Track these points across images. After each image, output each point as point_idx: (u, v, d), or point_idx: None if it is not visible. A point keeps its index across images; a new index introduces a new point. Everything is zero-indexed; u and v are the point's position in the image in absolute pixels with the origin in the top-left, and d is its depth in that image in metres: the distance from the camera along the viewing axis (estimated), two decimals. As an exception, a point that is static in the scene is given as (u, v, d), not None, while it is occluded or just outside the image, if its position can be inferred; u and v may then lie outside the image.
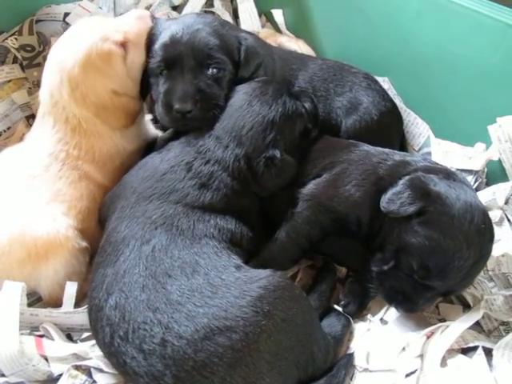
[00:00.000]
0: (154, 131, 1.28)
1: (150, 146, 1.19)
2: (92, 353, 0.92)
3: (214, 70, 1.06)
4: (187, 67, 1.04)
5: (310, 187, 1.05)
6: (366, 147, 1.10)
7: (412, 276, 0.93)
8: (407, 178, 0.96)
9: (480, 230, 0.91)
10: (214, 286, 0.83)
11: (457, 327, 0.93)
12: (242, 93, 1.08)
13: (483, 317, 0.97)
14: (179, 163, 1.00)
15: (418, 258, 0.91)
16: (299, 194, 1.05)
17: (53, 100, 1.06)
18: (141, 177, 1.01)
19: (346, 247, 1.09)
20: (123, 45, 1.07)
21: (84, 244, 1.05)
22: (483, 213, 0.93)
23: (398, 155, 1.06)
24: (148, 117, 1.27)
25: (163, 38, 1.07)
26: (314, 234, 1.04)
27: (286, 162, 1.04)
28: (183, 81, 1.04)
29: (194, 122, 1.05)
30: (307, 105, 1.11)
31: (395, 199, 0.94)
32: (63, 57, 1.05)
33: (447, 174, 0.98)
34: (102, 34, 1.05)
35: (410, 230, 0.93)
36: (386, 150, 1.10)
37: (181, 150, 1.03)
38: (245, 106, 1.05)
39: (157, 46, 1.07)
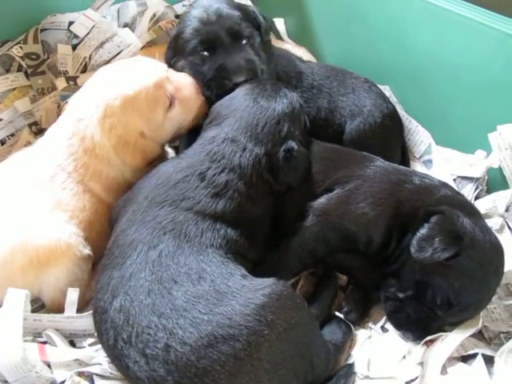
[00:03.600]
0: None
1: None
2: (95, 359, 0.92)
3: (246, 40, 1.15)
4: (226, 44, 1.13)
5: (322, 202, 1.03)
6: (381, 162, 1.08)
7: (431, 308, 0.95)
8: (435, 219, 0.95)
9: (499, 273, 0.96)
10: (220, 292, 0.83)
11: (457, 336, 0.93)
12: (242, 94, 1.08)
13: (484, 326, 0.98)
14: (192, 173, 0.98)
15: (444, 296, 0.93)
16: (310, 208, 1.03)
17: (81, 115, 1.06)
18: (154, 184, 1.00)
19: (349, 259, 1.08)
20: (170, 98, 1.09)
21: (86, 252, 1.05)
22: (501, 254, 0.96)
23: (416, 177, 1.04)
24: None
25: (193, 23, 1.14)
26: (319, 250, 1.03)
27: (303, 153, 1.05)
28: (230, 56, 1.12)
29: None
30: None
31: (426, 246, 0.92)
32: (112, 84, 1.06)
33: (469, 210, 0.98)
34: (158, 79, 1.07)
35: (437, 269, 0.93)
36: (402, 168, 1.09)
37: (194, 159, 1.01)
38: (251, 104, 1.04)
39: (188, 31, 1.14)
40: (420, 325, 0.97)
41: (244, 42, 1.14)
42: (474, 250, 0.92)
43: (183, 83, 1.13)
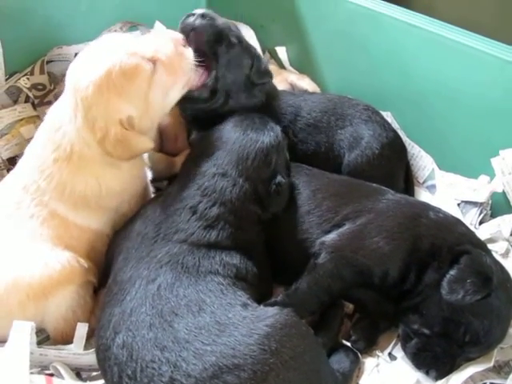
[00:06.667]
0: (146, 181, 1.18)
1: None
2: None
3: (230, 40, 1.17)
4: None
5: (334, 238, 1.01)
6: (392, 195, 1.07)
7: (460, 346, 0.94)
8: (464, 260, 0.94)
9: None
10: (221, 324, 0.83)
11: (468, 370, 0.92)
12: (231, 126, 1.09)
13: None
14: (183, 207, 1.00)
15: (474, 333, 0.93)
16: (321, 245, 1.02)
17: (58, 123, 0.98)
18: (144, 220, 1.01)
19: (360, 291, 1.06)
20: (152, 62, 0.96)
21: (84, 278, 1.04)
22: None
23: (430, 211, 1.02)
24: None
25: None
26: (334, 287, 1.01)
27: (288, 184, 1.07)
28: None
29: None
30: None
31: (458, 288, 0.92)
32: (79, 75, 0.94)
33: (485, 248, 1.00)
34: (129, 49, 0.94)
35: (466, 308, 0.93)
36: (414, 200, 1.11)
37: (185, 193, 1.02)
38: (241, 137, 1.05)
39: None
40: (447, 362, 0.95)
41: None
42: (500, 289, 0.93)
43: (160, 42, 0.99)
